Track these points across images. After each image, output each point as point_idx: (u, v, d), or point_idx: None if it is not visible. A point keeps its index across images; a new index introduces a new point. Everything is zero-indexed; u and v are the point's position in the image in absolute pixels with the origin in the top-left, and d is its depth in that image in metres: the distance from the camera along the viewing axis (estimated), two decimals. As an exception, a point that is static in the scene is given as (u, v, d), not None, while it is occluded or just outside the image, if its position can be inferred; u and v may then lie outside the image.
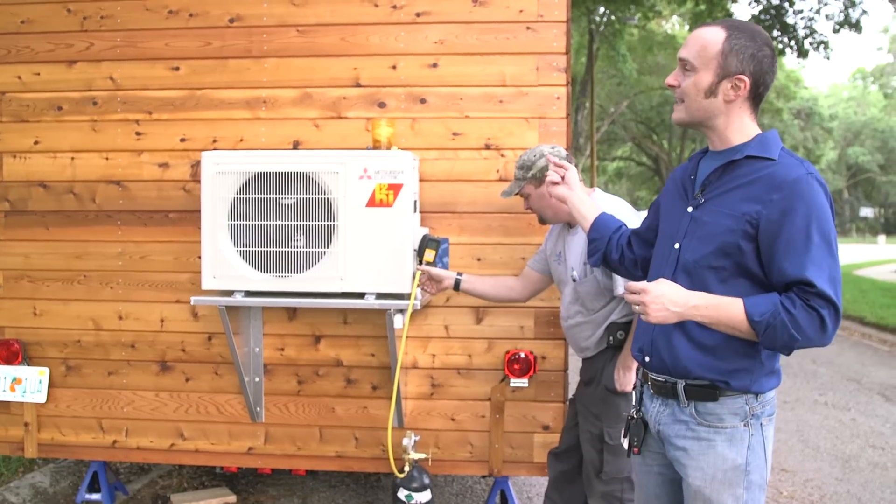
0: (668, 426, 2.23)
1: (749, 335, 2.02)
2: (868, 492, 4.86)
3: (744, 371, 2.11)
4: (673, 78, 2.20)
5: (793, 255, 1.99)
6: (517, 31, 3.63)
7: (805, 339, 1.96)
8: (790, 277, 1.99)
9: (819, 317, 1.95)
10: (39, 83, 3.84)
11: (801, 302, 1.96)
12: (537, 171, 3.18)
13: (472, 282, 3.43)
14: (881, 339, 11.22)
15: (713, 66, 2.12)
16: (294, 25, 3.72)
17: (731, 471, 2.14)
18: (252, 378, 3.76)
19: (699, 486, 2.16)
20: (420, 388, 3.74)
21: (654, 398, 2.28)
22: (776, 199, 2.02)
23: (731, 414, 2.14)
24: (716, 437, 2.15)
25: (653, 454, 2.33)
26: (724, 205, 2.12)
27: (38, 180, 3.86)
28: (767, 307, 1.98)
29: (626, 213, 3.11)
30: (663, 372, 2.22)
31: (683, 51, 2.17)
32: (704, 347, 2.13)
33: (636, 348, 2.34)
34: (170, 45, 3.77)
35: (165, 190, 3.80)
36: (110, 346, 3.86)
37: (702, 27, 2.18)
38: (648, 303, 2.02)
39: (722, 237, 2.09)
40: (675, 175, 2.41)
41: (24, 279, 3.88)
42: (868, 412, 6.88)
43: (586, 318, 3.21)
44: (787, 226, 2.00)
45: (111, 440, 3.90)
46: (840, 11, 15.76)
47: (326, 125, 3.72)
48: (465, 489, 4.74)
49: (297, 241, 3.37)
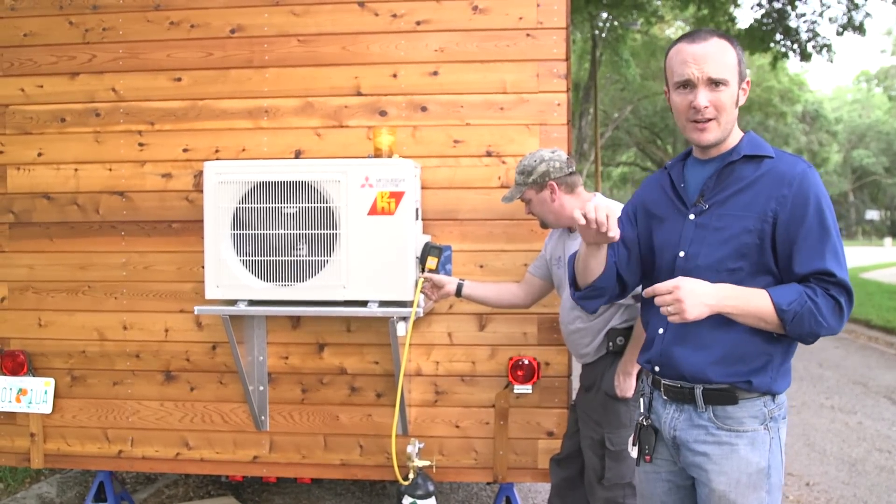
0: (685, 432, 2.21)
1: (774, 325, 2.03)
2: (875, 495, 4.84)
3: (762, 370, 2.12)
4: (706, 98, 2.09)
5: (811, 246, 2.03)
6: (517, 38, 3.64)
7: (827, 327, 2.00)
8: (810, 268, 2.02)
9: (838, 304, 2.00)
10: (42, 95, 3.86)
11: (822, 290, 2.00)
12: (538, 176, 3.19)
13: (474, 287, 3.44)
14: (888, 343, 11.17)
15: (736, 73, 2.12)
16: (295, 35, 3.74)
17: (756, 474, 2.14)
18: (256, 387, 3.77)
19: (724, 490, 2.14)
20: (424, 396, 3.74)
21: (668, 404, 2.26)
22: (788, 195, 2.06)
23: (750, 417, 2.14)
24: (738, 440, 2.14)
25: (662, 461, 2.32)
26: (733, 207, 2.13)
27: (42, 192, 3.88)
28: (793, 296, 2.00)
29: None
30: (678, 378, 2.21)
31: (712, 70, 2.08)
32: (721, 352, 2.12)
33: (644, 359, 2.32)
34: (171, 56, 3.79)
35: (168, 200, 3.81)
36: (115, 356, 3.87)
37: (701, 43, 2.11)
38: (684, 299, 1.96)
39: (738, 239, 2.09)
40: (651, 185, 2.38)
41: (28, 290, 3.90)
42: (875, 415, 6.86)
43: (585, 324, 3.21)
44: (802, 219, 2.04)
45: (117, 450, 3.91)
46: (843, 14, 15.72)
47: (328, 134, 3.74)
48: (470, 496, 4.73)
49: (299, 249, 3.38)
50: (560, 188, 3.20)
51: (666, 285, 2.01)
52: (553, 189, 3.19)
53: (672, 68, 2.17)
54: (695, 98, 2.10)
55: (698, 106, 2.10)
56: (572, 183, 3.23)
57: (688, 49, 2.12)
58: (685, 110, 2.14)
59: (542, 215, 3.29)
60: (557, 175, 3.19)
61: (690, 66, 2.10)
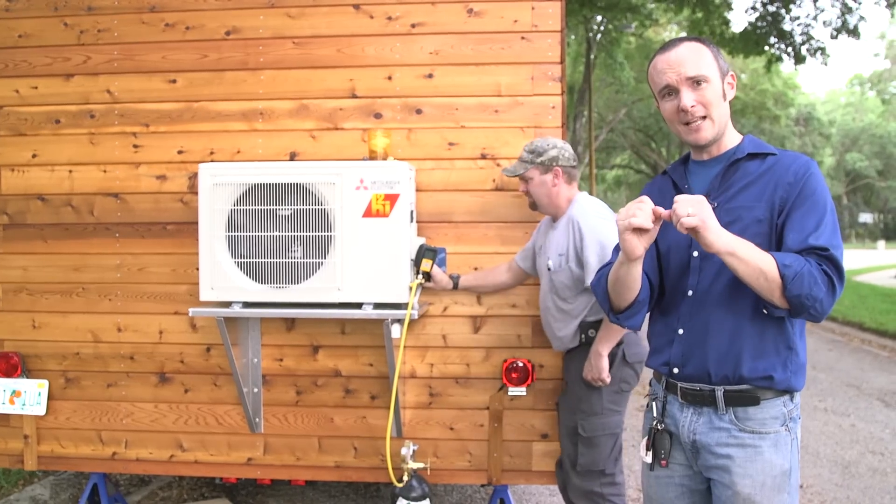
0: (705, 435, 2.20)
1: (775, 285, 1.99)
2: (868, 497, 4.86)
3: (782, 364, 2.13)
4: (691, 99, 2.12)
5: (810, 223, 2.05)
6: (512, 41, 3.65)
7: (819, 298, 1.98)
8: (805, 244, 2.03)
9: (830, 281, 2.00)
10: (37, 97, 3.86)
11: (816, 263, 2.00)
12: (547, 158, 3.35)
13: (469, 280, 3.62)
14: (881, 345, 11.21)
15: (715, 69, 2.15)
16: (290, 37, 3.74)
17: (780, 476, 2.14)
18: (251, 389, 3.77)
19: (749, 493, 2.13)
20: (418, 398, 3.74)
21: (685, 408, 2.25)
22: (793, 182, 2.10)
23: (772, 418, 2.14)
24: (761, 442, 2.14)
25: (676, 465, 2.30)
26: (743, 200, 2.15)
27: (37, 193, 3.87)
28: (794, 258, 2.00)
29: (608, 216, 3.34)
30: (698, 381, 2.20)
31: (688, 69, 2.11)
32: (744, 346, 2.12)
33: (660, 362, 2.29)
34: (167, 57, 3.79)
35: (163, 202, 3.81)
36: (109, 358, 3.87)
37: (673, 50, 2.15)
38: (708, 214, 1.95)
39: (751, 229, 2.10)
40: (652, 190, 2.37)
41: (22, 292, 3.89)
42: (868, 418, 6.87)
43: (560, 310, 3.39)
44: (803, 200, 2.08)
45: (111, 452, 3.91)
46: (837, 17, 15.78)
47: (323, 136, 3.74)
48: (464, 498, 4.73)
49: (294, 251, 3.39)
50: (562, 176, 3.38)
51: (689, 197, 2.00)
52: (557, 174, 3.37)
53: (654, 80, 2.21)
54: (680, 101, 2.14)
55: (685, 107, 2.13)
56: (573, 175, 3.44)
57: (662, 58, 2.18)
58: (675, 115, 2.17)
59: (538, 197, 3.42)
60: (564, 164, 3.38)
61: (667, 73, 2.15)
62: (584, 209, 3.37)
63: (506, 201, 3.65)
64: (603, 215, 3.36)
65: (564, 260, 3.32)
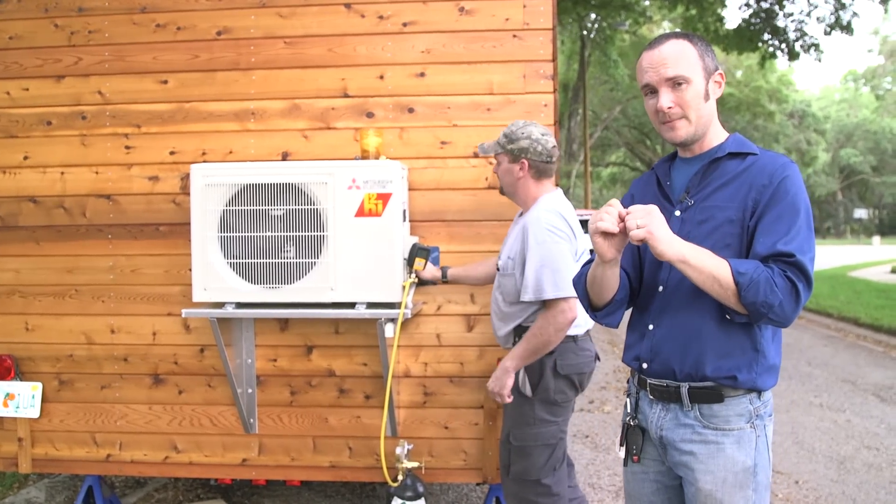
0: (671, 431, 2.22)
1: (730, 292, 1.99)
2: (863, 493, 4.86)
3: (748, 366, 2.12)
4: (668, 100, 2.13)
5: (777, 229, 2.03)
6: (504, 39, 3.65)
7: (780, 305, 1.96)
8: (772, 249, 2.01)
9: (795, 288, 1.97)
10: (28, 98, 3.85)
11: (780, 271, 1.98)
12: (516, 148, 3.24)
13: (458, 273, 3.56)
14: (876, 341, 11.23)
15: (699, 69, 2.14)
16: (281, 37, 3.73)
17: (742, 473, 2.14)
18: (245, 389, 3.76)
19: (710, 489, 2.15)
20: (413, 397, 3.74)
21: (654, 404, 2.27)
22: (767, 184, 2.08)
23: (736, 415, 2.14)
24: (724, 439, 2.15)
25: (650, 461, 2.32)
26: (717, 200, 2.15)
27: (29, 195, 3.86)
28: (751, 265, 1.99)
29: (562, 230, 3.15)
30: (664, 377, 2.21)
31: (668, 70, 2.12)
32: (710, 346, 2.12)
33: (631, 356, 2.31)
34: (158, 58, 3.78)
35: (155, 203, 3.80)
36: (103, 359, 3.86)
37: (657, 48, 2.16)
38: (656, 222, 1.96)
39: (721, 230, 2.11)
40: (639, 186, 2.40)
41: (15, 294, 3.88)
42: (863, 413, 6.89)
43: (500, 311, 3.30)
44: (775, 204, 2.06)
45: (105, 454, 3.90)
46: (831, 14, 15.83)
47: (315, 136, 3.73)
48: (459, 497, 4.73)
49: (287, 252, 3.38)
50: (529, 170, 3.25)
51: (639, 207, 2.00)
52: (523, 167, 3.24)
53: (639, 77, 2.23)
54: (657, 101, 2.15)
55: (661, 108, 2.14)
56: (544, 171, 3.27)
57: (646, 56, 2.18)
58: (654, 114, 2.20)
59: (504, 183, 3.35)
60: (534, 158, 3.23)
61: (648, 72, 2.16)
62: (539, 219, 3.14)
63: (498, 200, 3.65)
64: (556, 229, 3.12)
65: (512, 265, 3.19)
